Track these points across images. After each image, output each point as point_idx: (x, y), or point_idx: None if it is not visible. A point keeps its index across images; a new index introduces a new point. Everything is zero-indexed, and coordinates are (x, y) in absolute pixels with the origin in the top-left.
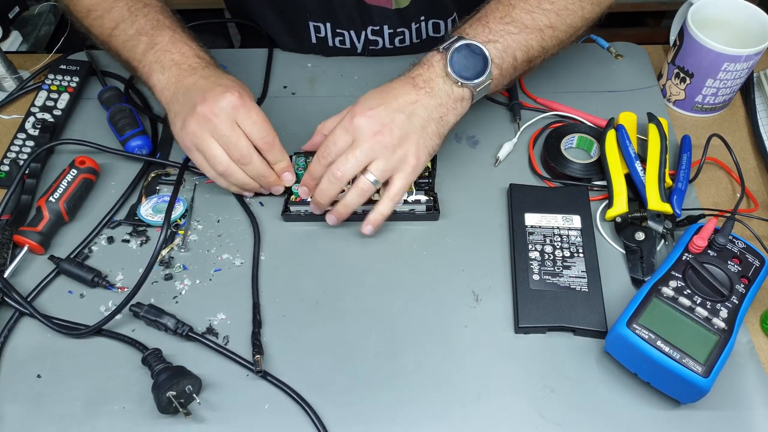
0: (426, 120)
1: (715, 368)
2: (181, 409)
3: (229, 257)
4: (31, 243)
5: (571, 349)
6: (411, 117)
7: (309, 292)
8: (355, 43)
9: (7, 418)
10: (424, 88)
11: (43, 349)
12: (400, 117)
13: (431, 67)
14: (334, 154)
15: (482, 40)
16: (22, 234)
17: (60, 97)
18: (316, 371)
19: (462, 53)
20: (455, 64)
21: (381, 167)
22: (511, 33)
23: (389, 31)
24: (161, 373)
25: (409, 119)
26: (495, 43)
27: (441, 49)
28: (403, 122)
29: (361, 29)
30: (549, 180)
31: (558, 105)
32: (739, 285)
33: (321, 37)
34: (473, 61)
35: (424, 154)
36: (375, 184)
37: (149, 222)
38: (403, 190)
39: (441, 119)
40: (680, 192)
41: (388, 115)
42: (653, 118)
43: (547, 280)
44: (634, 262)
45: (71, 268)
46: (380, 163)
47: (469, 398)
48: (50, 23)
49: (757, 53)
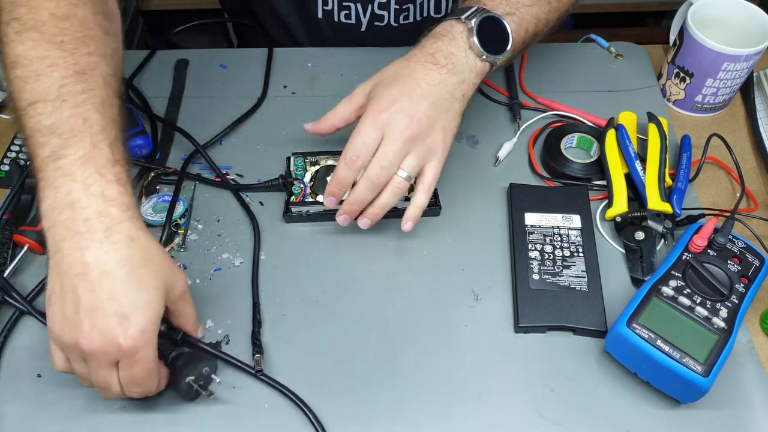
0: (450, 101)
1: (715, 368)
2: (203, 392)
3: (229, 257)
4: (31, 243)
5: (571, 348)
6: (436, 102)
7: (309, 292)
8: (360, 18)
9: (7, 418)
10: (446, 66)
11: (43, 349)
12: (425, 104)
13: (452, 39)
14: (365, 157)
15: (502, 12)
16: (22, 233)
17: None
18: (316, 371)
19: (485, 26)
20: (479, 37)
21: (413, 162)
22: (525, 5)
23: (395, 6)
24: (177, 359)
25: (435, 104)
26: (513, 16)
27: (463, 18)
28: (429, 109)
29: (369, 1)
30: (549, 180)
31: (558, 105)
32: (739, 284)
33: (327, 10)
34: (495, 34)
35: (450, 138)
36: (408, 180)
37: (149, 221)
38: (437, 179)
39: (463, 97)
40: (680, 192)
41: (413, 105)
42: (653, 117)
43: (547, 280)
44: (634, 261)
45: None
46: (412, 158)
47: (469, 398)
48: None
49: (756, 53)
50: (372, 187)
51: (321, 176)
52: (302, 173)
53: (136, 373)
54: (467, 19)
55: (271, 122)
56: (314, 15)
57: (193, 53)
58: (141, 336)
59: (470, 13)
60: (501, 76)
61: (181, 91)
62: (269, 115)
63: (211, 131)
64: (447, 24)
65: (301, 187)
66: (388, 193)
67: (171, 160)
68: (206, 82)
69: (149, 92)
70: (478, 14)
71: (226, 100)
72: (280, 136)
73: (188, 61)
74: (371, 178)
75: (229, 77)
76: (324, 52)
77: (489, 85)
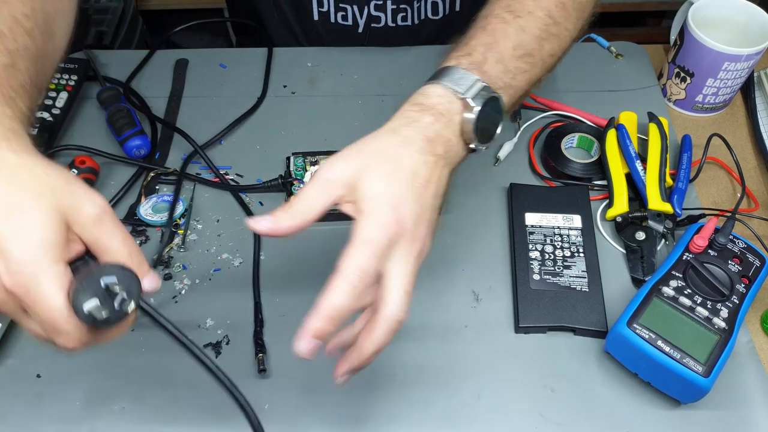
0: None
1: (716, 368)
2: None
3: (228, 257)
4: None
5: (571, 349)
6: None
7: (309, 292)
8: (357, 20)
9: (7, 418)
10: (444, 156)
11: (43, 349)
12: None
13: (450, 122)
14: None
15: (499, 86)
16: None
17: (58, 95)
18: (316, 371)
19: (484, 111)
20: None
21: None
22: (525, 72)
23: (392, 6)
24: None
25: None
26: (508, 88)
27: (464, 95)
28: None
29: (365, 3)
30: (549, 179)
31: (558, 104)
32: (740, 285)
33: (323, 12)
34: (492, 119)
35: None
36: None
37: (149, 221)
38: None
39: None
40: (681, 191)
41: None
42: (654, 117)
43: (547, 280)
44: (635, 261)
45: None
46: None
47: (469, 398)
48: None
49: (757, 53)
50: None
51: None
52: (302, 173)
53: (41, 318)
54: (471, 99)
55: (270, 122)
56: (311, 17)
57: (193, 53)
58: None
59: (472, 89)
60: None
61: (181, 91)
62: (269, 115)
63: (210, 131)
64: (446, 96)
65: (301, 187)
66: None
67: (170, 160)
68: (206, 82)
69: (149, 92)
70: (481, 94)
71: (225, 100)
72: (279, 136)
73: (188, 61)
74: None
75: (228, 77)
76: (324, 52)
77: None
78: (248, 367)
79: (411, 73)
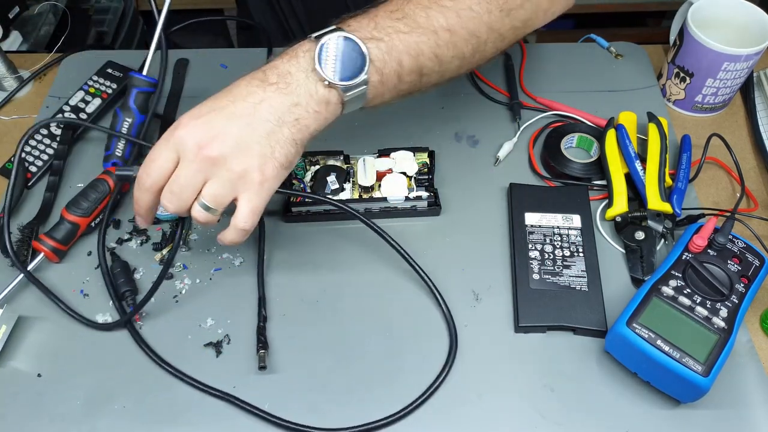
0: (275, 124)
1: (715, 367)
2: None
3: (229, 256)
4: (47, 252)
5: (571, 348)
6: (254, 123)
7: (309, 292)
8: None
9: (7, 418)
10: (277, 84)
11: (43, 348)
12: (236, 124)
13: (294, 58)
14: (155, 177)
15: (364, 35)
16: (40, 241)
17: (92, 100)
18: (316, 370)
19: (337, 47)
20: (326, 59)
21: (214, 191)
22: (400, 32)
23: None
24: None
25: (250, 126)
26: (379, 41)
27: (313, 37)
28: (241, 130)
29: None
30: (549, 179)
31: (558, 104)
32: (739, 284)
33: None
34: (349, 59)
35: (273, 167)
36: (209, 211)
37: (160, 217)
38: (254, 215)
39: (297, 122)
40: (680, 191)
41: (220, 124)
42: (653, 117)
43: (547, 280)
44: (634, 261)
45: (117, 271)
46: (213, 185)
47: (469, 398)
48: (50, 23)
49: (757, 53)
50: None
51: (321, 176)
52: (302, 173)
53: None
54: (317, 38)
55: None
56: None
57: (193, 53)
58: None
59: (324, 32)
60: (501, 76)
61: (181, 91)
62: None
63: None
64: (299, 43)
65: (301, 187)
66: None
67: None
68: (206, 81)
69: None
70: (332, 33)
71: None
72: None
73: (188, 60)
74: (163, 203)
75: (229, 77)
76: None
77: (489, 84)
78: (249, 367)
79: None
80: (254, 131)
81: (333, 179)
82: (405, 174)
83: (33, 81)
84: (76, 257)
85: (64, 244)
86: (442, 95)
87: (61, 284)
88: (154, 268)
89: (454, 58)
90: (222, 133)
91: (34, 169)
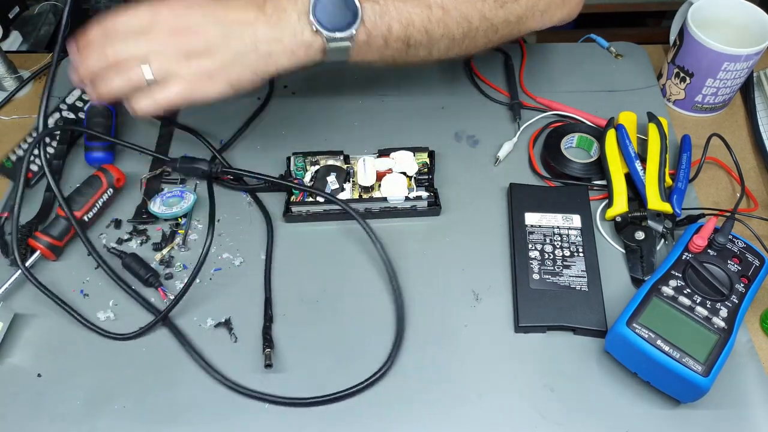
0: (249, 47)
1: (715, 367)
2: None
3: (229, 256)
4: (44, 249)
5: (571, 348)
6: (230, 36)
7: (309, 292)
8: None
9: (7, 418)
10: (271, 15)
11: (43, 348)
12: (215, 30)
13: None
14: (120, 30)
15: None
16: (36, 239)
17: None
18: (316, 370)
19: (334, 1)
20: (321, 7)
21: (163, 65)
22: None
23: None
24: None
25: (226, 38)
26: (374, 3)
27: None
28: (216, 38)
29: None
30: (549, 179)
31: (558, 104)
32: (739, 284)
33: None
34: (342, 13)
35: (222, 81)
36: (147, 82)
37: (164, 215)
38: (177, 99)
39: (269, 55)
40: (680, 191)
41: (203, 21)
42: (653, 117)
43: (547, 280)
44: (634, 261)
45: (132, 263)
46: (165, 60)
47: (469, 398)
48: (50, 23)
49: (757, 53)
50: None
51: (321, 176)
52: (302, 173)
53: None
54: None
55: (271, 122)
56: None
57: None
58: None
59: None
60: (501, 76)
61: None
62: (269, 115)
63: (211, 131)
64: None
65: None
66: (117, 75)
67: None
68: None
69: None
70: None
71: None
72: (280, 136)
73: None
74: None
75: None
76: None
77: (489, 84)
78: (249, 367)
79: (411, 73)
80: (227, 44)
81: (333, 179)
82: (405, 174)
83: (33, 81)
84: (76, 257)
85: (60, 239)
86: (442, 95)
87: (60, 283)
88: (156, 267)
89: (444, 37)
90: (200, 27)
91: (35, 168)
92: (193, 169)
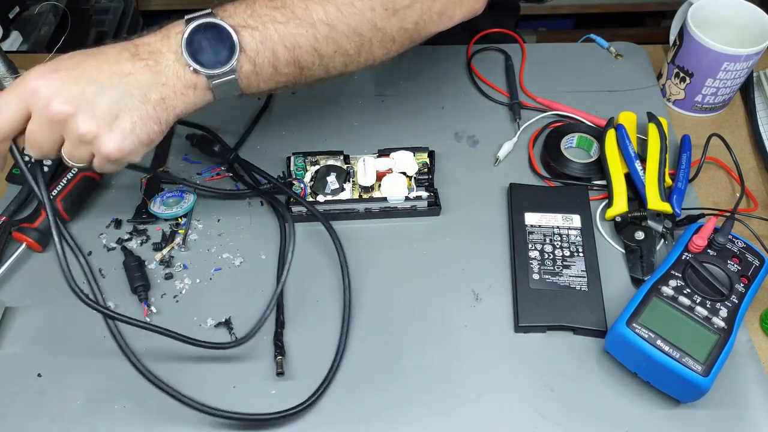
0: (139, 100)
1: (715, 367)
2: None
3: (229, 256)
4: (29, 240)
5: (571, 348)
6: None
7: (309, 292)
8: None
9: (7, 417)
10: (147, 60)
11: (43, 348)
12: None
13: (167, 38)
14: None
15: (237, 23)
16: (21, 231)
17: None
18: (316, 370)
19: (206, 33)
20: (193, 43)
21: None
22: (277, 21)
23: None
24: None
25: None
26: (254, 30)
27: (186, 18)
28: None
29: None
30: (549, 179)
31: (558, 105)
32: (739, 284)
33: None
34: (215, 48)
35: (131, 143)
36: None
37: (164, 215)
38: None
39: (162, 101)
40: (680, 191)
41: (79, 86)
42: (653, 117)
43: (546, 280)
44: (634, 261)
45: (132, 265)
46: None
47: (469, 398)
48: (50, 23)
49: (756, 53)
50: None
51: (321, 176)
52: (302, 173)
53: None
54: (188, 21)
55: (271, 122)
56: None
57: None
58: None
59: (197, 15)
60: (501, 76)
61: None
62: (270, 115)
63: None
64: (174, 22)
65: (301, 187)
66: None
67: (171, 160)
68: None
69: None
70: (203, 18)
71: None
72: (280, 136)
73: None
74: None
75: None
76: None
77: (489, 84)
78: (250, 367)
79: (410, 73)
80: (115, 103)
81: (333, 179)
82: (405, 174)
83: None
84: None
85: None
86: (442, 95)
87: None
88: (155, 268)
89: (337, 54)
90: (78, 96)
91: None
92: (209, 149)
